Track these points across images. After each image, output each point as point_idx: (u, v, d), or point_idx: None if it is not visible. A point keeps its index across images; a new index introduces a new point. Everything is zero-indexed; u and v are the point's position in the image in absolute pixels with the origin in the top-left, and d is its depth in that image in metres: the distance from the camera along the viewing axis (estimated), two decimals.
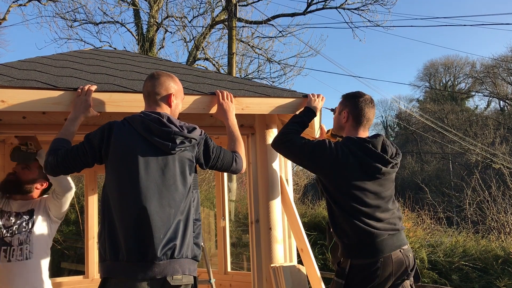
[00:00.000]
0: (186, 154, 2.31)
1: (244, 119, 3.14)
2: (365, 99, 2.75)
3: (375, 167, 2.60)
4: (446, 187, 24.07)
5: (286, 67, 16.07)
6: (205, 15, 16.19)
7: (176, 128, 2.27)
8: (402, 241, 2.62)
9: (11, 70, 2.89)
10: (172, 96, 2.44)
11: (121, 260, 2.13)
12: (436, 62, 43.84)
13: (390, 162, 2.66)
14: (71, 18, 15.46)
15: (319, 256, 8.36)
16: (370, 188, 2.60)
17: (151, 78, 2.46)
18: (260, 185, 3.11)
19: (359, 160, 2.59)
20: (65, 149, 2.30)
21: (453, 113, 33.87)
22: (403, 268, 2.56)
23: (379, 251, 2.51)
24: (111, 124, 2.30)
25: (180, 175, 2.28)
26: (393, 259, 2.52)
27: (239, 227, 10.11)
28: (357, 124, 2.75)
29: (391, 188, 2.73)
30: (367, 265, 2.51)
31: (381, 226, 2.55)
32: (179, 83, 2.54)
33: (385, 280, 2.52)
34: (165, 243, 2.15)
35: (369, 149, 2.62)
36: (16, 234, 2.90)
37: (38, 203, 3.07)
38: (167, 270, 2.15)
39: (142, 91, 2.48)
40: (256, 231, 3.07)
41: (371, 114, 2.77)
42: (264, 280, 3.01)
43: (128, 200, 2.17)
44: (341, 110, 2.82)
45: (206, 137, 2.45)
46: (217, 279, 4.41)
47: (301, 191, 17.24)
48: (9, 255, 2.86)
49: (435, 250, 8.64)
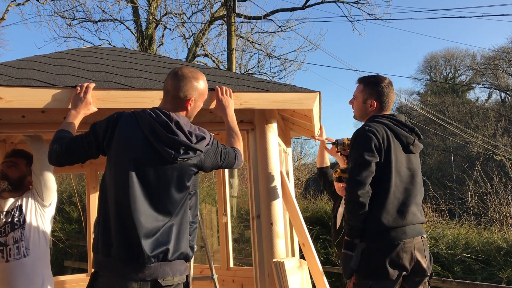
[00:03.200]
0: (189, 163, 2.23)
1: (243, 114, 3.14)
2: (388, 84, 2.83)
3: (409, 137, 2.68)
4: (448, 179, 24.06)
5: (286, 62, 16.08)
6: (204, 11, 16.18)
7: (183, 136, 2.17)
8: (422, 229, 2.66)
9: (9, 69, 2.89)
10: (191, 101, 2.31)
11: (112, 256, 2.11)
12: (436, 54, 43.76)
13: (420, 135, 2.78)
14: (70, 16, 15.46)
15: (321, 251, 8.37)
16: (406, 164, 2.66)
17: (173, 77, 2.32)
18: (261, 180, 3.11)
19: (394, 131, 2.66)
20: (70, 138, 2.26)
21: (454, 106, 33.79)
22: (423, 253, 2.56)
23: (403, 234, 2.52)
24: (118, 115, 2.23)
25: (177, 182, 2.20)
26: (415, 243, 2.53)
27: (241, 223, 10.11)
28: (382, 108, 2.83)
29: (420, 169, 2.77)
30: (387, 246, 2.51)
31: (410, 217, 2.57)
32: (203, 83, 2.39)
33: (410, 262, 2.51)
34: (154, 248, 2.10)
35: (400, 121, 2.72)
36: (10, 232, 2.85)
37: (25, 197, 2.98)
38: (158, 273, 2.13)
39: (163, 85, 2.38)
40: (257, 227, 3.07)
41: (392, 96, 2.86)
42: (266, 275, 3.01)
43: (119, 200, 2.13)
44: (365, 98, 2.83)
45: (214, 145, 2.34)
46: (219, 275, 4.42)
47: (303, 186, 17.27)
48: (6, 255, 2.82)
49: (438, 243, 8.63)
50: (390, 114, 2.78)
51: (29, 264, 2.86)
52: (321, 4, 15.48)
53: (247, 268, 4.84)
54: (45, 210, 3.00)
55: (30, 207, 2.95)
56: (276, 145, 3.17)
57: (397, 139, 2.66)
